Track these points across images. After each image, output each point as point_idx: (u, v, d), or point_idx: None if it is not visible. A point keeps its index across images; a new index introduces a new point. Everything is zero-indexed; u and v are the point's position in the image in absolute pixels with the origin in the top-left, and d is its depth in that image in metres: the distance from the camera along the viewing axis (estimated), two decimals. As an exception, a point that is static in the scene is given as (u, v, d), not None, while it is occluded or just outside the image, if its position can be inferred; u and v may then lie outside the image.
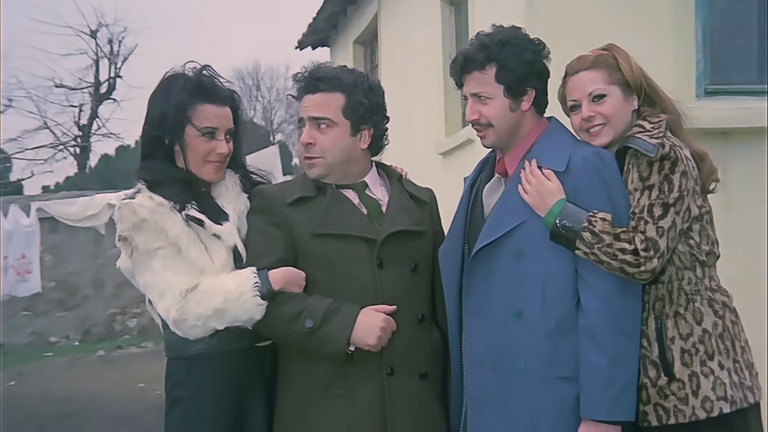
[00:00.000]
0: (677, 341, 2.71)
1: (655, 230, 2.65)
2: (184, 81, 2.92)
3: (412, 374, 2.90)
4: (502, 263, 2.77)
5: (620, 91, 2.84)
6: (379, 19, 8.93)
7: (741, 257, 5.05)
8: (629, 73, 2.85)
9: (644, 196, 2.69)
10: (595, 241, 2.64)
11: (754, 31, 5.70)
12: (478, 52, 2.83)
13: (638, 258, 2.62)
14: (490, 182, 2.93)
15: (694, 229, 2.78)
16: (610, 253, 2.63)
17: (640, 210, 2.68)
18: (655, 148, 2.69)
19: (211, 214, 2.89)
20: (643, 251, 2.62)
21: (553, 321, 2.70)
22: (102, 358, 13.20)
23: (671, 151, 2.70)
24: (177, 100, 2.88)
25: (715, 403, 2.67)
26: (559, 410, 2.70)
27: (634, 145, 2.72)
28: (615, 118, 2.83)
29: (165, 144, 2.92)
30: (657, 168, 2.69)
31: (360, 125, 2.93)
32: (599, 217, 2.66)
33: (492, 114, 2.83)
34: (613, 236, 2.64)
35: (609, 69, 2.85)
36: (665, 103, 2.89)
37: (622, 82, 2.84)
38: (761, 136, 5.38)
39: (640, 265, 2.62)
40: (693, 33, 5.41)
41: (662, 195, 2.68)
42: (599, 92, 2.84)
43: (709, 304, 2.76)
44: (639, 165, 2.72)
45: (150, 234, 2.84)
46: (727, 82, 5.58)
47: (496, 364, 2.78)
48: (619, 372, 2.64)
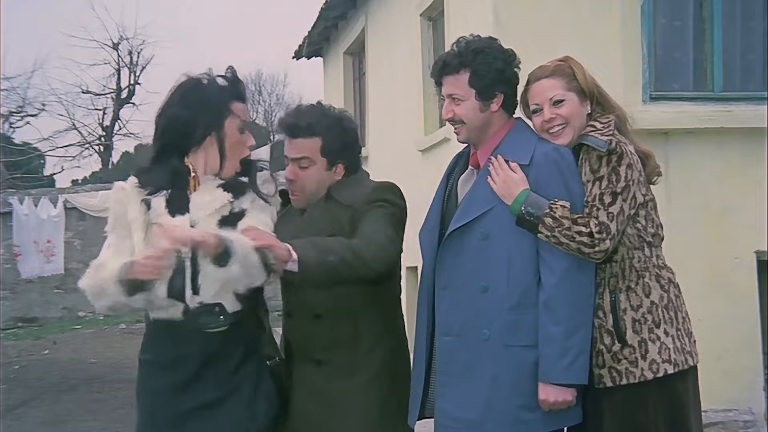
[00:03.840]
0: (629, 312, 2.71)
1: (606, 215, 2.65)
2: (221, 81, 2.84)
3: (310, 361, 2.95)
4: (471, 244, 2.75)
5: (576, 96, 2.83)
6: (366, 32, 8.90)
7: (681, 240, 5.08)
8: (584, 81, 2.84)
9: (595, 186, 2.69)
10: (556, 225, 2.63)
11: (691, 45, 5.73)
12: (454, 58, 2.81)
13: (593, 240, 2.62)
14: (465, 173, 2.92)
15: (640, 214, 2.77)
16: (569, 236, 2.63)
17: (592, 198, 2.68)
18: (605, 144, 2.68)
19: (173, 206, 2.75)
20: (597, 234, 2.62)
21: (516, 295, 2.69)
22: (123, 330, 13.17)
23: (617, 147, 2.70)
24: (220, 96, 2.80)
25: (660, 365, 2.68)
26: (518, 372, 2.68)
27: (588, 142, 2.72)
28: (573, 119, 2.82)
29: (179, 145, 2.79)
30: (605, 161, 2.69)
31: (335, 161, 2.98)
32: (559, 204, 2.66)
33: (464, 114, 2.82)
34: (571, 221, 2.64)
35: (566, 77, 2.84)
36: (613, 108, 2.89)
37: (578, 89, 2.83)
38: (697, 136, 5.41)
39: (594, 246, 2.62)
40: (639, 47, 5.44)
41: (611, 185, 2.68)
42: (558, 97, 2.83)
43: (657, 279, 2.76)
44: (590, 159, 2.72)
45: (114, 214, 2.79)
46: (668, 89, 5.61)
47: (462, 333, 2.75)
48: (573, 341, 2.63)
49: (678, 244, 4.95)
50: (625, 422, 2.69)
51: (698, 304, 3.90)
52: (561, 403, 2.64)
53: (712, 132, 5.42)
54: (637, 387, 2.67)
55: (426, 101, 6.99)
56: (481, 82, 2.79)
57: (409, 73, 7.34)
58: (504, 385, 2.68)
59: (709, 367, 3.64)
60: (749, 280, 5.42)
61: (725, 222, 5.41)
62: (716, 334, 5.13)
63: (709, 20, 5.66)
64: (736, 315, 5.35)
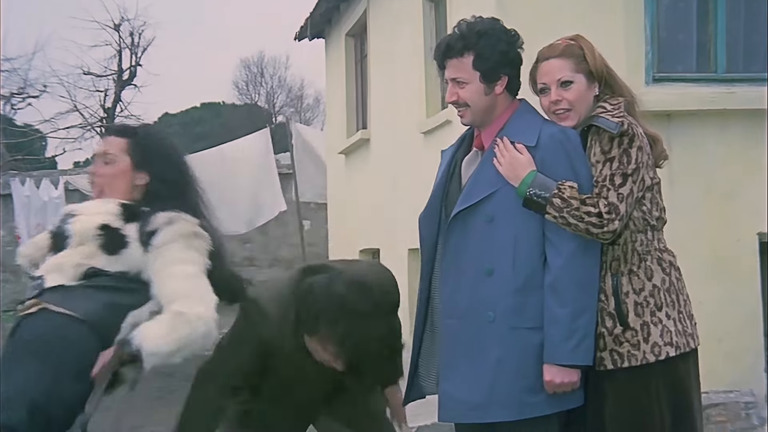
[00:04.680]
0: (631, 295, 2.72)
1: (616, 196, 2.65)
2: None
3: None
4: (476, 226, 2.75)
5: (584, 78, 2.82)
6: (368, 14, 8.86)
7: (683, 223, 5.07)
8: (593, 62, 2.83)
9: (606, 167, 2.69)
10: (565, 206, 2.63)
11: (694, 26, 5.70)
12: (457, 41, 2.80)
13: (602, 220, 2.62)
14: (469, 155, 2.91)
15: (646, 197, 2.77)
16: (578, 216, 2.62)
17: (602, 179, 2.68)
18: (617, 126, 2.68)
19: None
20: (606, 214, 2.62)
21: (522, 277, 2.69)
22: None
23: (629, 128, 2.69)
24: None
25: (662, 348, 2.68)
26: (524, 354, 2.69)
27: (598, 123, 2.71)
28: (578, 103, 2.81)
29: None
30: (617, 143, 2.69)
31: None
32: (567, 185, 2.66)
33: (468, 97, 2.81)
34: (580, 201, 2.63)
35: (576, 58, 2.82)
36: (622, 90, 2.88)
37: (586, 70, 2.82)
38: (700, 117, 5.39)
39: (603, 226, 2.62)
40: (642, 28, 5.40)
41: (621, 166, 2.67)
42: (566, 79, 2.81)
43: (658, 263, 2.76)
44: (601, 140, 2.71)
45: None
46: (671, 70, 5.58)
47: (466, 315, 2.76)
48: (579, 322, 2.64)
49: (681, 227, 4.94)
50: (628, 404, 2.70)
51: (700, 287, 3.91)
52: (566, 385, 2.66)
53: (716, 114, 5.39)
54: (639, 369, 2.68)
55: (428, 83, 6.96)
56: (486, 64, 2.77)
57: (411, 55, 7.31)
58: (509, 367, 2.69)
59: (711, 349, 3.65)
60: (752, 263, 5.41)
61: (728, 204, 5.40)
62: (718, 317, 5.13)
63: (712, 1, 5.62)
64: (737, 297, 5.35)
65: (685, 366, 2.76)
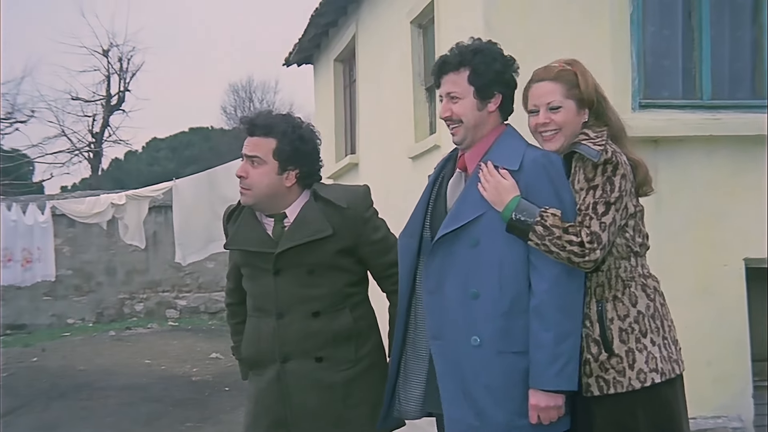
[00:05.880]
0: (616, 321, 2.72)
1: (598, 225, 2.65)
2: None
3: (308, 358, 3.02)
4: (461, 250, 2.76)
5: (574, 105, 2.83)
6: (357, 40, 8.90)
7: (670, 248, 5.10)
8: (585, 89, 2.83)
9: (589, 195, 2.69)
10: (546, 234, 2.64)
11: (680, 53, 5.75)
12: (454, 57, 2.85)
13: (584, 249, 2.62)
14: (453, 177, 2.93)
15: (629, 224, 2.78)
16: (559, 245, 2.63)
17: (585, 207, 2.68)
18: (598, 154, 2.69)
19: None
20: (588, 243, 2.63)
21: (508, 301, 2.70)
22: (113, 337, 13.09)
23: (613, 157, 2.70)
24: None
25: (648, 374, 2.69)
26: (510, 379, 2.69)
27: (580, 150, 2.73)
28: (566, 127, 2.82)
29: None
30: (600, 170, 2.70)
31: (287, 166, 3.03)
32: (550, 212, 2.66)
33: (462, 112, 2.83)
34: (562, 230, 2.64)
35: (568, 84, 2.83)
36: (611, 118, 2.89)
37: (577, 97, 2.83)
38: (687, 143, 5.43)
39: (585, 256, 2.63)
40: (629, 55, 5.45)
41: (605, 194, 2.68)
42: (556, 104, 2.83)
43: (642, 288, 2.77)
44: (585, 168, 2.72)
45: None
46: (657, 97, 5.63)
47: (450, 338, 2.76)
48: (562, 347, 2.64)
49: (667, 252, 4.98)
50: (615, 430, 2.69)
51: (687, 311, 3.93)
52: (551, 409, 2.66)
53: (702, 140, 5.43)
54: (625, 396, 2.68)
55: (416, 108, 7.00)
56: (480, 80, 2.81)
57: (399, 80, 7.35)
58: (497, 393, 2.70)
59: (698, 374, 3.66)
60: (738, 288, 5.43)
61: (714, 229, 5.43)
62: (705, 341, 5.14)
63: (697, 29, 5.68)
64: (725, 322, 5.36)
65: (671, 392, 2.76)
